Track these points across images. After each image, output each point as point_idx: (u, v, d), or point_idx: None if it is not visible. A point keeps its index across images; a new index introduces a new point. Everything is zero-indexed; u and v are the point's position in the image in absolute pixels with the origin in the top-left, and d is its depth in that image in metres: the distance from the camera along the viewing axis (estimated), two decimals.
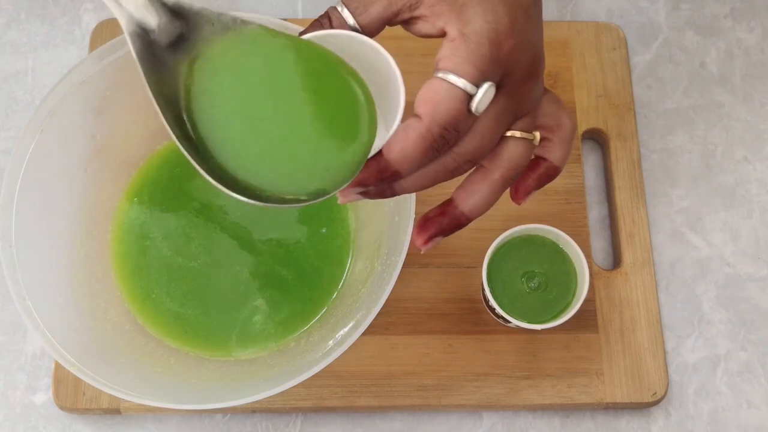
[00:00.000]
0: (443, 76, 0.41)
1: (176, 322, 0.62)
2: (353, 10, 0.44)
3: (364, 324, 0.51)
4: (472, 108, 0.41)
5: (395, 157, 0.42)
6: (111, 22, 0.71)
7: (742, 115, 0.72)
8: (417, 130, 0.41)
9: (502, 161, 0.45)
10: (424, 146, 0.42)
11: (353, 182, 0.42)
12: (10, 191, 0.54)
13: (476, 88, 0.41)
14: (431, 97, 0.41)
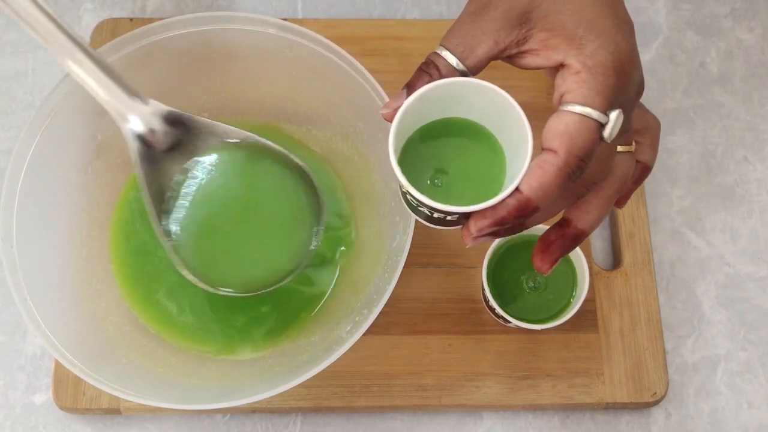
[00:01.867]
0: (573, 109, 0.42)
1: (177, 321, 0.62)
2: (459, 55, 0.44)
3: (365, 324, 0.51)
4: (605, 136, 0.43)
5: (535, 193, 0.42)
6: (111, 22, 0.71)
7: (742, 115, 0.72)
8: (555, 164, 0.42)
9: (615, 177, 0.47)
10: (562, 179, 0.42)
11: (492, 222, 0.43)
12: (11, 191, 0.54)
13: (606, 117, 0.42)
14: (565, 131, 0.42)
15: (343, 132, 0.63)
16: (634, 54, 0.45)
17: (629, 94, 0.45)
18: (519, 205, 0.42)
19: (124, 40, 0.57)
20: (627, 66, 0.44)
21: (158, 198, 0.50)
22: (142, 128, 0.50)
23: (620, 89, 0.43)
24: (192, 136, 0.51)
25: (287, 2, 0.75)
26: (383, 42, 0.71)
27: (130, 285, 0.62)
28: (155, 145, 0.51)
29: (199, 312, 0.62)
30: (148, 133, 0.50)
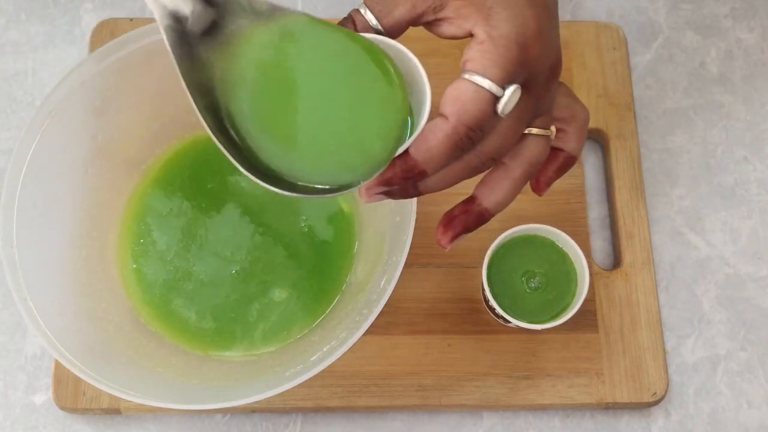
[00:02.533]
0: (470, 78, 0.42)
1: (178, 320, 0.62)
2: (377, 13, 0.44)
3: (365, 324, 0.51)
4: (498, 110, 0.42)
5: (422, 156, 0.42)
6: (111, 22, 0.71)
7: (742, 115, 0.72)
8: (444, 130, 0.42)
9: (524, 158, 0.46)
10: (450, 146, 0.42)
11: (379, 181, 0.43)
12: (11, 192, 0.54)
13: (502, 90, 0.42)
14: (458, 97, 0.42)
15: None
16: (543, 32, 0.44)
17: (535, 72, 0.44)
18: (406, 167, 0.43)
19: (124, 40, 0.57)
20: (531, 42, 0.43)
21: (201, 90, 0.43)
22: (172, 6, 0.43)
23: (522, 64, 0.43)
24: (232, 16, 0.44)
25: (287, 2, 0.75)
26: None
27: (133, 285, 0.62)
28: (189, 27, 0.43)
29: (201, 311, 0.62)
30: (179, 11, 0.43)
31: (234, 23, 0.44)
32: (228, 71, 0.43)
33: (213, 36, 0.44)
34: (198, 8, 0.43)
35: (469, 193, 0.50)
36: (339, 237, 0.64)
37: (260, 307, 0.62)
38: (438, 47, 0.71)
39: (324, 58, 0.44)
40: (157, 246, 0.64)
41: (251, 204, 0.65)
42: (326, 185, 0.43)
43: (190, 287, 0.63)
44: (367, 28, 0.44)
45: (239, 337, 0.62)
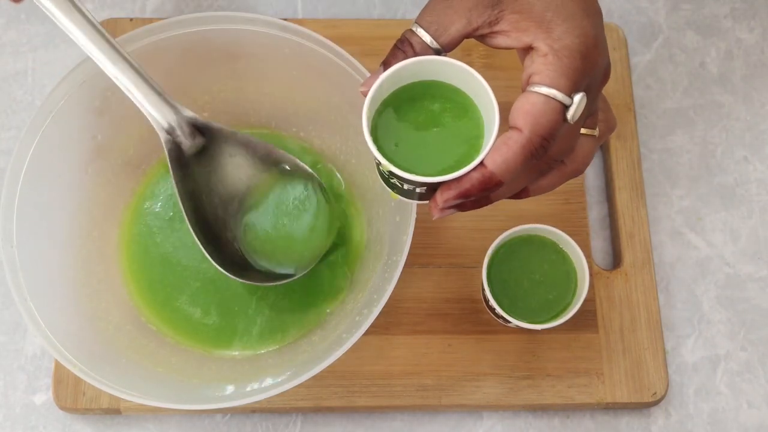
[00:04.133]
0: (540, 90, 0.44)
1: (179, 319, 0.62)
2: (433, 33, 0.46)
3: (365, 324, 0.51)
4: (568, 118, 0.44)
5: (499, 168, 0.44)
6: (111, 22, 0.71)
7: (742, 115, 0.72)
8: (519, 141, 0.44)
9: (578, 157, 0.49)
10: (525, 156, 0.44)
11: (457, 194, 0.44)
12: (11, 192, 0.54)
13: (570, 99, 0.44)
14: (530, 110, 0.44)
15: (343, 132, 0.63)
16: (599, 39, 0.46)
17: (594, 78, 0.46)
18: (483, 179, 0.44)
19: (124, 40, 0.57)
20: (592, 50, 0.45)
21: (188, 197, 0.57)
22: (176, 134, 0.56)
23: (585, 72, 0.45)
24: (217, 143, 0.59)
25: (287, 2, 0.75)
26: (383, 42, 0.71)
27: (136, 284, 0.62)
28: (185, 149, 0.57)
29: (202, 311, 0.62)
30: (180, 138, 0.56)
31: (219, 149, 0.59)
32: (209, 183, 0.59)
33: (203, 155, 0.58)
34: (194, 136, 0.57)
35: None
36: (339, 236, 0.64)
37: (260, 303, 0.62)
38: None
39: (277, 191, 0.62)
40: (158, 245, 0.64)
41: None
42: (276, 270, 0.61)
43: (197, 285, 0.63)
44: (425, 50, 0.46)
45: (240, 333, 0.62)
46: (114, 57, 0.53)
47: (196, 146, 0.58)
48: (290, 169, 0.61)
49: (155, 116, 0.55)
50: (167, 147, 0.56)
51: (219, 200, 0.59)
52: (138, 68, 0.54)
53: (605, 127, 0.51)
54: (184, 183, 0.57)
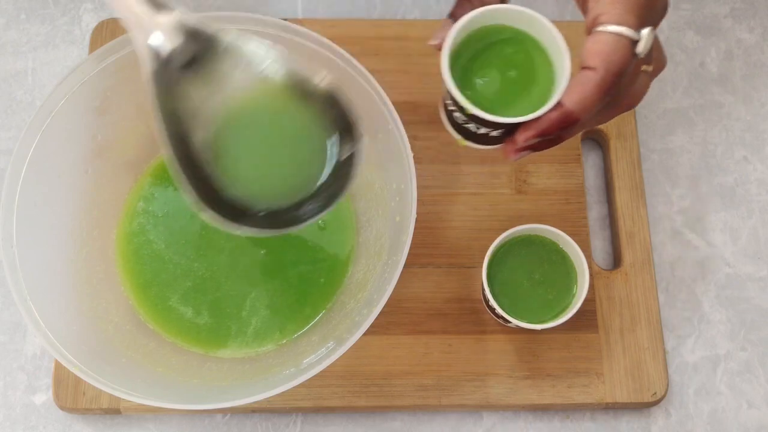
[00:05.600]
0: (608, 29, 0.46)
1: (173, 319, 0.62)
2: None
3: (365, 324, 0.51)
4: (638, 53, 0.46)
5: (577, 106, 0.46)
6: (111, 22, 0.71)
7: (742, 115, 0.72)
8: (593, 80, 0.46)
9: (634, 92, 0.50)
10: (600, 93, 0.46)
11: (536, 132, 0.47)
12: (11, 192, 0.54)
13: (639, 35, 0.46)
14: (601, 50, 0.46)
15: None
16: None
17: (657, 13, 0.48)
18: (562, 117, 0.47)
19: (124, 40, 0.57)
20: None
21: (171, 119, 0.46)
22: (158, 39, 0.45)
23: (650, 8, 0.47)
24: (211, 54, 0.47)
25: (287, 2, 0.75)
26: (383, 42, 0.71)
27: (134, 284, 0.63)
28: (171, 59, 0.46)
29: (201, 310, 0.62)
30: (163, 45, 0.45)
31: (212, 61, 0.47)
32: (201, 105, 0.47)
33: (192, 69, 0.47)
34: (180, 43, 0.46)
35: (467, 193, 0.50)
36: (338, 236, 0.64)
37: (255, 303, 0.62)
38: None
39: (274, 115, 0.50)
40: (151, 243, 0.64)
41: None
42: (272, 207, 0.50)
43: (188, 284, 0.63)
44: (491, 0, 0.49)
45: (233, 334, 0.62)
46: None
47: (186, 56, 0.46)
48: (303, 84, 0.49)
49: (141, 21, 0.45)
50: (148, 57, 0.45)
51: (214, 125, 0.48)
52: None
53: (658, 64, 0.51)
54: (167, 102, 0.46)
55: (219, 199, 0.48)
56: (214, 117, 0.48)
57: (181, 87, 0.47)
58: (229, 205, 0.49)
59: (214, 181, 0.48)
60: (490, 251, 0.61)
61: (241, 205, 0.49)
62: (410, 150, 0.55)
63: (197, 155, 0.48)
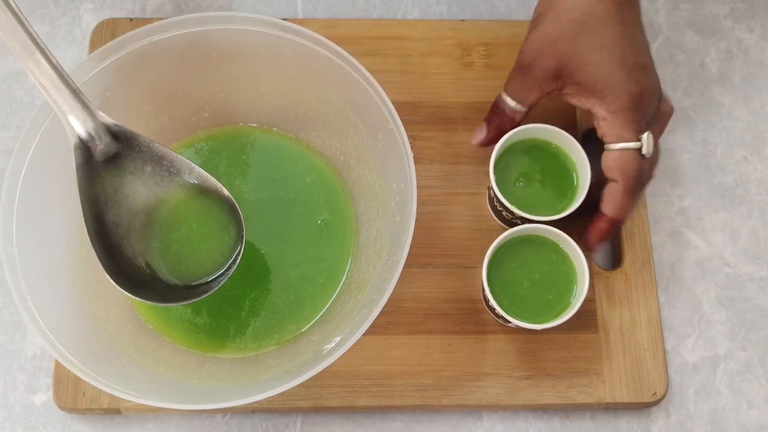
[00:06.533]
0: (614, 147, 0.59)
1: (172, 319, 0.62)
2: (518, 101, 0.62)
3: (365, 324, 0.51)
4: (644, 153, 0.59)
5: (615, 212, 0.61)
6: (111, 22, 0.71)
7: (742, 115, 0.72)
8: (619, 189, 0.60)
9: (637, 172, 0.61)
10: (629, 197, 0.60)
11: (600, 238, 0.62)
12: (11, 192, 0.54)
13: (639, 141, 0.58)
14: (616, 165, 0.59)
15: (343, 132, 0.63)
16: (645, 88, 0.58)
17: (650, 114, 0.59)
18: (610, 224, 0.61)
19: (124, 40, 0.57)
20: (640, 102, 0.58)
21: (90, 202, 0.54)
22: (86, 135, 0.53)
23: (642, 117, 0.58)
24: (131, 152, 0.56)
25: (287, 2, 0.75)
26: (383, 42, 0.71)
27: None
28: (95, 153, 0.54)
29: (200, 310, 0.62)
30: (90, 141, 0.53)
31: (132, 157, 0.56)
32: (116, 191, 0.55)
33: (113, 163, 0.55)
34: (106, 141, 0.54)
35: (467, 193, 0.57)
36: (338, 236, 0.64)
37: (255, 303, 0.62)
38: (438, 48, 0.72)
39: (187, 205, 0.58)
40: None
41: (249, 204, 0.65)
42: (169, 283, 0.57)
43: None
44: (514, 112, 0.63)
45: (233, 335, 0.62)
46: (30, 48, 0.50)
47: (108, 152, 0.55)
48: (206, 188, 0.58)
49: (71, 120, 0.52)
50: (76, 152, 0.53)
51: (125, 211, 0.56)
52: (55, 64, 0.52)
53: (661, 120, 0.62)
54: (89, 189, 0.54)
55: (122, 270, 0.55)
56: (129, 203, 0.56)
57: (101, 176, 0.54)
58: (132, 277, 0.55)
59: (122, 256, 0.55)
60: (490, 251, 0.61)
61: (141, 278, 0.56)
62: (410, 150, 0.55)
63: (110, 232, 0.55)
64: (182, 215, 0.58)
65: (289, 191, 0.65)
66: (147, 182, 0.57)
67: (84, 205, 0.53)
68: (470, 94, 0.70)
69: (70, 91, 0.52)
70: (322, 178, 0.66)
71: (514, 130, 0.63)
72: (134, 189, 0.56)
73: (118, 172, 0.55)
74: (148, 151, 0.56)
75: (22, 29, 0.50)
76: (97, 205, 0.54)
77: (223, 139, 0.67)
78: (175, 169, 0.57)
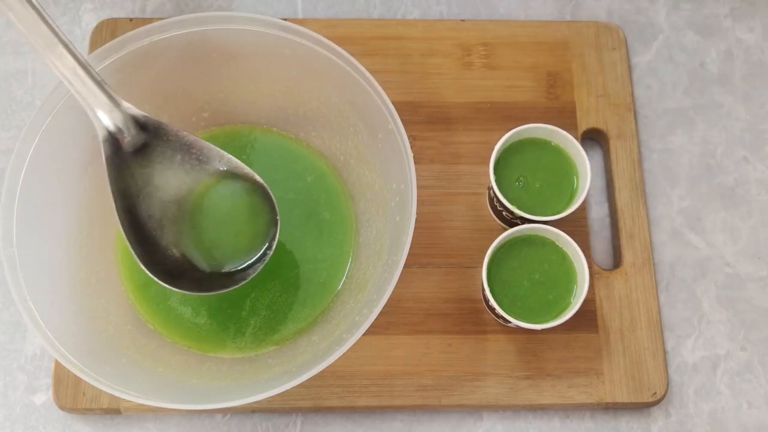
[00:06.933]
0: None
1: (172, 319, 0.62)
2: None
3: (365, 324, 0.51)
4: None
5: None
6: (111, 22, 0.71)
7: (742, 115, 0.72)
8: None
9: None
10: None
11: None
12: (11, 191, 0.54)
13: None
14: None
15: (343, 132, 0.63)
16: None
17: None
18: None
19: (124, 40, 0.57)
20: None
21: (122, 195, 0.54)
22: (114, 127, 0.53)
23: None
24: (159, 142, 0.55)
25: (287, 2, 0.75)
26: (383, 42, 0.71)
27: (134, 283, 0.62)
28: (124, 145, 0.54)
29: (200, 310, 0.62)
30: (119, 133, 0.53)
31: (161, 147, 0.55)
32: (147, 182, 0.55)
33: (142, 154, 0.55)
34: (133, 132, 0.54)
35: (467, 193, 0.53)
36: (338, 236, 0.64)
37: (255, 303, 0.62)
38: (438, 48, 0.72)
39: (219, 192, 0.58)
40: None
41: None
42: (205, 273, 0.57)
43: None
44: None
45: (233, 335, 0.62)
46: (52, 41, 0.50)
47: (136, 144, 0.54)
48: (237, 174, 0.58)
49: (98, 112, 0.52)
50: (105, 145, 0.53)
51: (158, 201, 0.56)
52: (79, 56, 0.51)
53: None
54: (119, 182, 0.54)
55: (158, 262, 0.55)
56: (160, 193, 0.56)
57: (131, 168, 0.54)
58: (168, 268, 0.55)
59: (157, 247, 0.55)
60: (490, 251, 0.61)
61: (177, 269, 0.56)
62: (410, 150, 0.55)
63: (144, 224, 0.55)
64: (214, 202, 0.58)
65: (289, 191, 0.65)
66: (177, 172, 0.56)
67: (116, 199, 0.53)
68: (470, 94, 0.70)
69: (96, 84, 0.52)
70: (322, 178, 0.66)
71: (514, 130, 0.63)
72: (165, 179, 0.56)
73: (148, 163, 0.55)
74: (176, 140, 0.56)
75: (44, 24, 0.50)
76: (128, 198, 0.54)
77: (223, 139, 0.67)
78: (205, 156, 0.56)
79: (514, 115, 0.69)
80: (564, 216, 0.61)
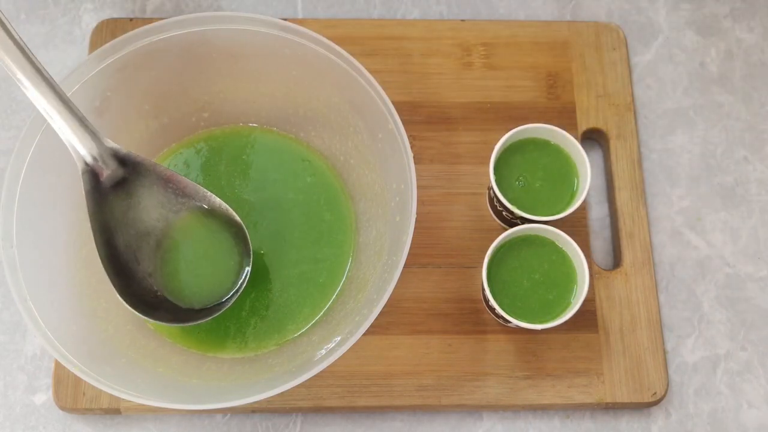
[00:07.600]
0: None
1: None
2: None
3: (365, 324, 0.51)
4: None
5: None
6: (111, 22, 0.71)
7: (742, 115, 0.72)
8: None
9: None
10: None
11: None
12: (11, 192, 0.54)
13: None
14: None
15: (343, 132, 0.63)
16: None
17: None
18: None
19: (124, 40, 0.57)
20: None
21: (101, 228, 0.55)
22: (93, 162, 0.54)
23: None
24: (138, 177, 0.56)
25: (287, 2, 0.75)
26: (383, 42, 0.71)
27: None
28: (103, 179, 0.55)
29: None
30: (98, 167, 0.54)
31: (138, 182, 0.57)
32: (125, 215, 0.57)
33: (120, 188, 0.56)
34: (113, 167, 0.55)
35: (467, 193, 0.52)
36: (338, 236, 0.64)
37: (255, 303, 0.62)
38: (438, 48, 0.72)
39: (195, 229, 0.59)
40: None
41: (249, 204, 0.65)
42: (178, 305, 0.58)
43: None
44: None
45: (233, 335, 0.62)
46: (36, 79, 0.51)
47: (115, 178, 0.55)
48: (212, 210, 0.59)
49: (78, 147, 0.53)
50: (84, 178, 0.54)
51: (135, 234, 0.57)
52: (60, 93, 0.52)
53: None
54: (98, 215, 0.55)
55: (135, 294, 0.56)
56: (138, 225, 0.57)
57: (109, 202, 0.55)
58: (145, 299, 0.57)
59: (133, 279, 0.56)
60: (490, 251, 0.61)
61: (154, 301, 0.57)
62: (410, 150, 0.55)
63: (120, 255, 0.56)
64: (189, 239, 0.59)
65: (289, 191, 0.65)
66: (154, 205, 0.58)
67: (95, 231, 0.55)
68: (470, 94, 0.70)
69: (77, 120, 0.52)
70: (322, 178, 0.66)
71: (514, 130, 0.63)
72: (142, 213, 0.57)
73: (126, 197, 0.56)
74: (154, 174, 0.57)
75: (28, 62, 0.51)
76: (107, 231, 0.55)
77: (223, 139, 0.67)
78: (181, 191, 0.58)
79: (514, 115, 0.69)
80: (564, 216, 0.61)
